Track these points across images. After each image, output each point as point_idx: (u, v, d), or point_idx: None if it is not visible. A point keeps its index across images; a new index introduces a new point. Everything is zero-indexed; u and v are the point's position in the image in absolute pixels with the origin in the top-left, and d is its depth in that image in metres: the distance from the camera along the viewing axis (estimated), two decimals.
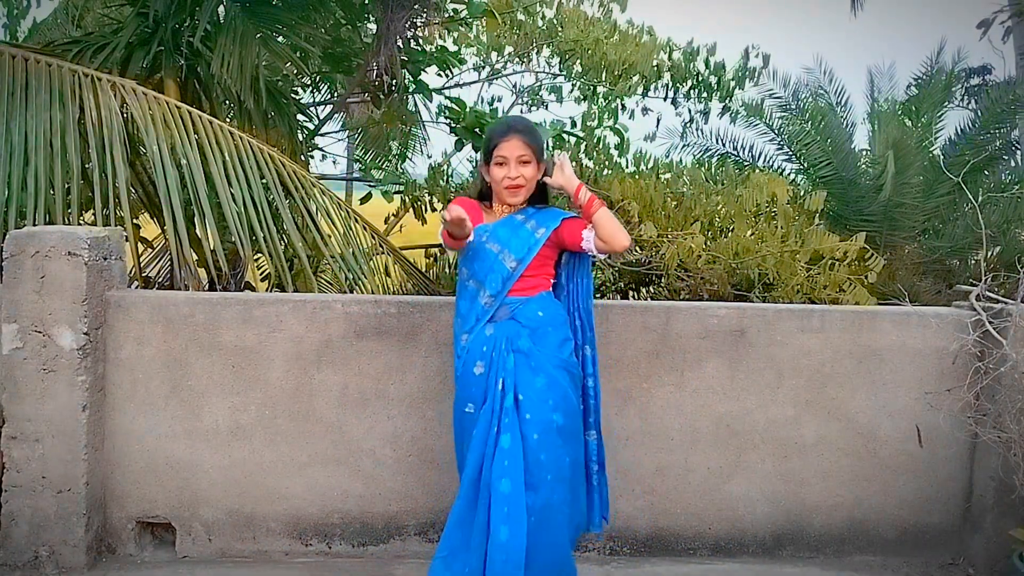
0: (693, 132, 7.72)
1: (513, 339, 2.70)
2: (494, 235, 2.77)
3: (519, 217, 2.81)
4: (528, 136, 2.77)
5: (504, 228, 2.79)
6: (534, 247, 2.74)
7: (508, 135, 2.75)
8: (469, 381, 2.74)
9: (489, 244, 2.76)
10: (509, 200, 2.80)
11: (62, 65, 4.09)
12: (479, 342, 2.73)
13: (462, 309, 2.82)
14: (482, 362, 2.71)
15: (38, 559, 3.02)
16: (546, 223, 2.79)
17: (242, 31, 4.60)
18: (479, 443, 2.65)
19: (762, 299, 4.56)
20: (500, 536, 2.53)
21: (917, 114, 6.78)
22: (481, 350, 2.72)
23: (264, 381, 3.19)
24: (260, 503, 3.22)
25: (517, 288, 2.74)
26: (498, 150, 2.75)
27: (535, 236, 2.76)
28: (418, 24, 6.14)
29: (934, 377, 3.34)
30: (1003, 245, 5.89)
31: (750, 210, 4.92)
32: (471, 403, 2.72)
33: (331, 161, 11.32)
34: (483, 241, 2.76)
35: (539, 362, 2.69)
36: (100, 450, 3.13)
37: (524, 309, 2.74)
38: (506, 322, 2.73)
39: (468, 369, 2.74)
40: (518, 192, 2.77)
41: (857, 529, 3.40)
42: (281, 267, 4.06)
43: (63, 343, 2.97)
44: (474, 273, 2.77)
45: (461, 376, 2.78)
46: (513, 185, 2.75)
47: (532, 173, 2.77)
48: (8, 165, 3.75)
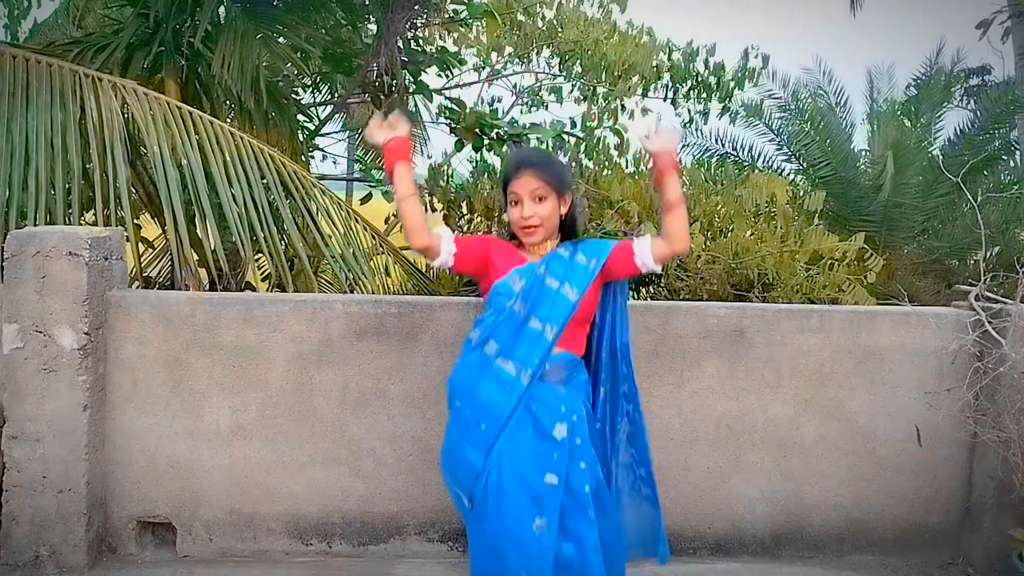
0: (693, 132, 7.75)
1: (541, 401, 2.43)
2: (549, 269, 2.48)
3: (563, 252, 2.52)
4: (541, 169, 2.48)
5: (556, 262, 2.50)
6: (591, 277, 2.47)
7: (519, 171, 2.49)
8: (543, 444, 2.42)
9: (548, 279, 2.47)
10: (526, 242, 2.52)
11: (63, 65, 4.09)
12: (554, 399, 2.44)
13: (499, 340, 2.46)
14: (564, 424, 2.42)
15: (39, 559, 3.02)
16: (596, 254, 2.51)
17: (243, 31, 4.61)
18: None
19: (761, 299, 4.57)
20: None
21: (916, 114, 6.80)
22: (559, 410, 2.44)
23: (264, 381, 3.19)
24: (260, 503, 3.23)
25: (565, 339, 2.47)
26: (510, 188, 2.50)
27: (589, 267, 2.48)
28: (418, 25, 6.15)
29: (933, 377, 3.35)
30: (1002, 245, 5.91)
31: (749, 210, 4.93)
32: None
33: (331, 161, 11.32)
34: (541, 274, 2.47)
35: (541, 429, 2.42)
36: (101, 450, 3.13)
37: (575, 379, 2.50)
38: (568, 387, 2.47)
39: (542, 427, 2.40)
40: (533, 233, 2.49)
41: (856, 529, 3.40)
42: (281, 267, 4.06)
43: (64, 343, 2.98)
44: (534, 309, 2.44)
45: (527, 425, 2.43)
46: (527, 226, 2.48)
47: (550, 209, 2.48)
48: (9, 165, 3.75)
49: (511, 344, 2.44)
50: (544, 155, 2.63)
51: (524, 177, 2.48)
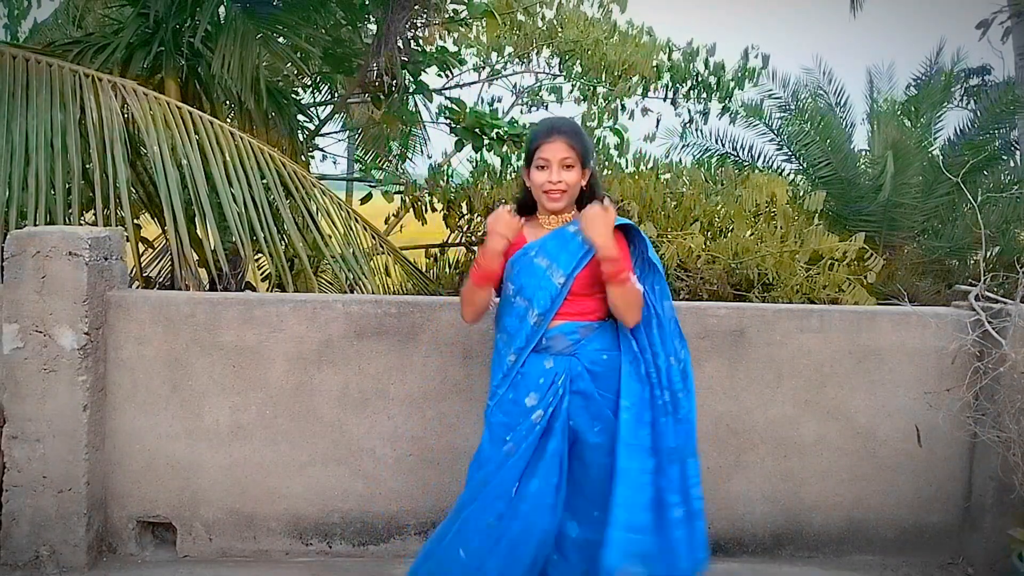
0: (693, 132, 7.76)
1: (575, 379, 2.52)
2: (543, 249, 2.55)
3: (571, 229, 2.55)
4: (573, 138, 2.53)
5: (554, 241, 2.56)
6: (583, 260, 2.51)
7: (551, 136, 2.53)
8: (515, 410, 2.53)
9: (538, 259, 2.54)
10: (549, 207, 2.56)
11: (63, 65, 4.09)
12: (536, 372, 2.53)
13: (509, 327, 2.59)
14: (536, 394, 2.51)
15: (39, 559, 3.02)
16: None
17: (243, 31, 4.61)
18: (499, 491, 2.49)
19: (761, 299, 4.57)
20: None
21: (916, 114, 6.81)
22: (537, 382, 2.52)
23: (264, 381, 3.19)
24: (261, 503, 3.23)
25: (569, 312, 2.53)
26: (540, 152, 2.52)
27: (585, 247, 2.50)
28: (418, 24, 6.15)
29: (933, 377, 3.35)
30: (1002, 245, 5.91)
31: (749, 210, 4.93)
32: (510, 432, 2.52)
33: (331, 161, 11.35)
34: (532, 256, 2.55)
35: (599, 408, 2.52)
36: (101, 450, 3.14)
37: (587, 348, 2.54)
38: (567, 358, 2.53)
39: (519, 396, 2.53)
40: (560, 199, 2.54)
41: (856, 528, 3.40)
42: (281, 267, 4.06)
43: (64, 343, 2.98)
44: (521, 289, 2.55)
45: (505, 400, 2.56)
46: (554, 190, 2.52)
47: (575, 178, 2.53)
48: (9, 165, 3.75)
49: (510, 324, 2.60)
50: (576, 126, 2.66)
51: (557, 143, 2.51)
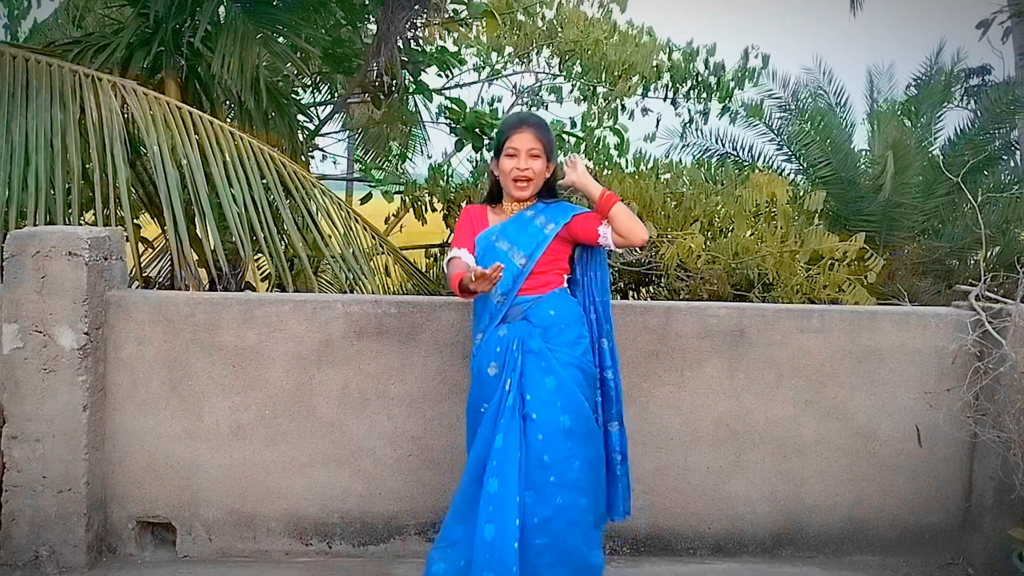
0: (693, 132, 7.75)
1: (525, 339, 2.70)
2: (503, 233, 2.79)
3: (528, 213, 2.81)
4: (540, 131, 2.78)
5: (513, 225, 2.80)
6: (543, 243, 2.75)
7: (520, 127, 2.78)
8: (483, 381, 2.74)
9: (499, 243, 2.77)
10: (516, 194, 2.80)
11: (63, 65, 4.09)
12: (493, 343, 2.74)
13: (477, 309, 2.84)
14: (496, 363, 2.72)
15: (39, 559, 3.02)
16: (555, 218, 2.79)
17: (243, 31, 4.61)
18: (481, 442, 2.66)
19: (762, 299, 4.57)
20: (485, 534, 2.54)
21: (916, 114, 6.80)
22: (495, 351, 2.73)
23: (264, 381, 3.19)
24: (260, 503, 3.23)
25: (529, 286, 2.75)
26: (509, 142, 2.77)
27: (544, 232, 2.76)
28: (418, 24, 6.15)
29: (933, 377, 3.35)
30: (1002, 245, 5.91)
31: (750, 210, 4.93)
32: (485, 403, 2.72)
33: (331, 161, 11.32)
34: (493, 241, 2.78)
35: (549, 362, 2.68)
36: (100, 450, 3.13)
37: (536, 308, 2.74)
38: (519, 323, 2.73)
39: (483, 369, 2.75)
40: (527, 186, 2.78)
41: (856, 529, 3.40)
42: (281, 267, 4.06)
43: (64, 343, 2.98)
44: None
45: (476, 376, 2.79)
46: (522, 177, 2.76)
47: (541, 168, 2.78)
48: (9, 165, 3.75)
49: (477, 304, 2.85)
50: (543, 120, 2.92)
51: (525, 134, 2.76)
